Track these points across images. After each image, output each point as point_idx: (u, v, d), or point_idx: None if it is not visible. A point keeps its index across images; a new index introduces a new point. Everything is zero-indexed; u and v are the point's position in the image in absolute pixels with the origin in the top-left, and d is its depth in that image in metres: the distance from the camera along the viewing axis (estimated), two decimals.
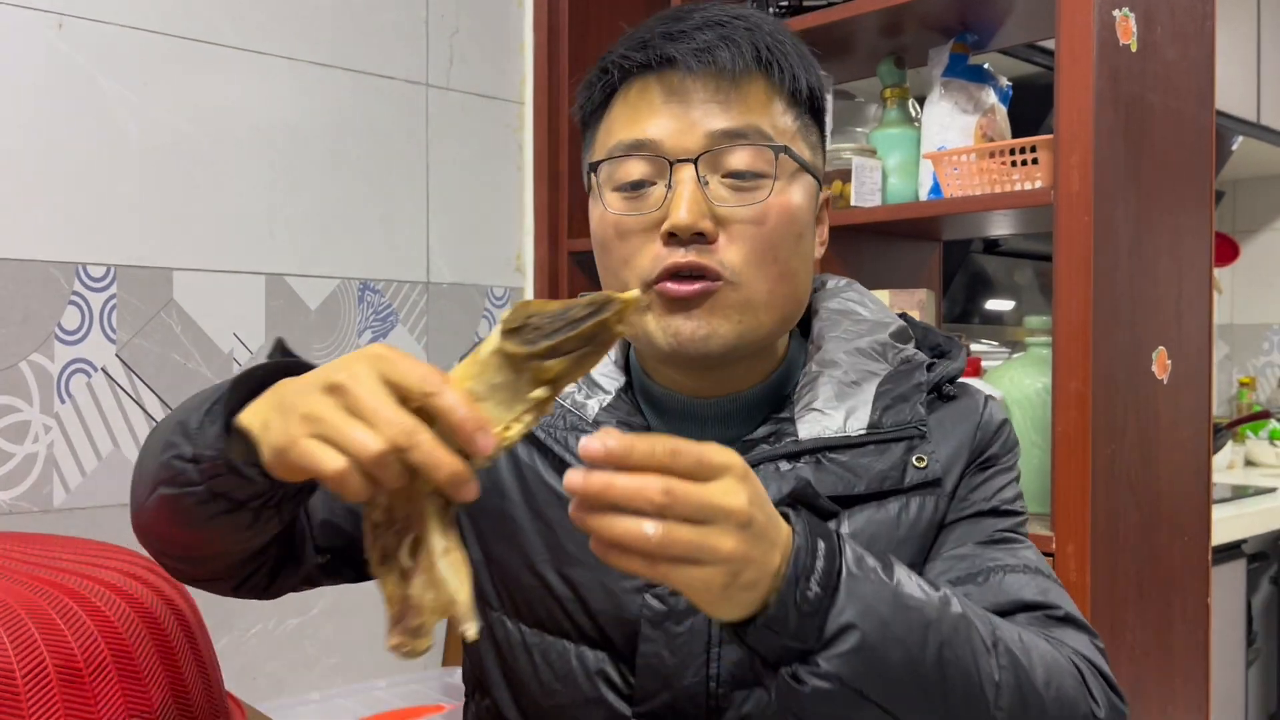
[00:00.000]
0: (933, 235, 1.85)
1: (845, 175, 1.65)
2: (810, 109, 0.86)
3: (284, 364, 0.73)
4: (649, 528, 0.58)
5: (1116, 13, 1.37)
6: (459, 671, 1.43)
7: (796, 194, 0.83)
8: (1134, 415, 1.40)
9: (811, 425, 0.84)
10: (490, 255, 2.09)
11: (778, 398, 0.89)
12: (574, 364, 0.62)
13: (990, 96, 1.67)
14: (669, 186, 0.80)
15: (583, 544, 0.79)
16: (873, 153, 1.69)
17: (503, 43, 2.11)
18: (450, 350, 2.02)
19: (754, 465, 0.80)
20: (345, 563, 0.92)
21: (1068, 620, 0.81)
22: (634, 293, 0.63)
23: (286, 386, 0.65)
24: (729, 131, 0.80)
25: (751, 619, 0.64)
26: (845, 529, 0.82)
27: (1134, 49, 1.40)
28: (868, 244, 1.74)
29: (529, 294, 2.15)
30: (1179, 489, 1.49)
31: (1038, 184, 1.46)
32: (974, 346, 1.88)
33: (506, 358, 0.61)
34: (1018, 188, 1.49)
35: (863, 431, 0.83)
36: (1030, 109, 2.06)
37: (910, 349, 0.90)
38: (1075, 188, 1.34)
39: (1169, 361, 1.46)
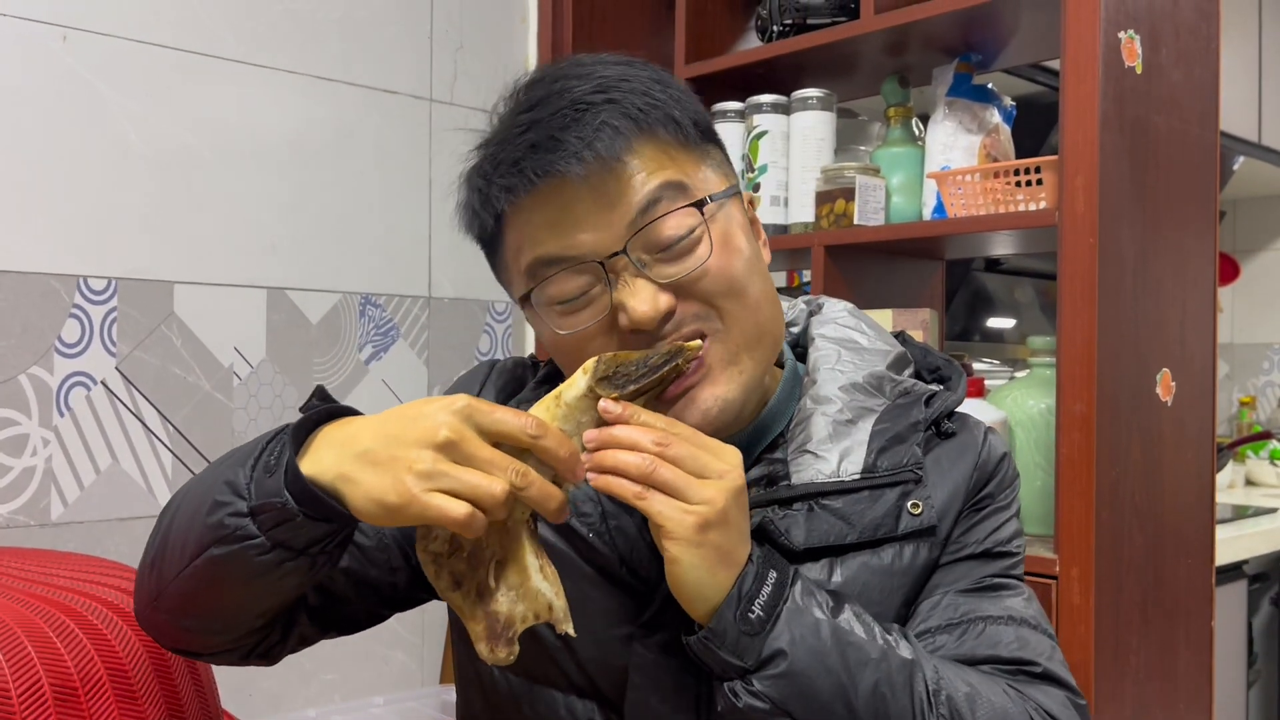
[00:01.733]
0: (936, 254, 1.85)
1: (849, 194, 1.65)
2: (700, 135, 0.82)
3: (329, 410, 0.74)
4: (644, 458, 0.69)
5: (1122, 35, 1.37)
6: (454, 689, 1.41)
7: (730, 224, 0.80)
8: (1138, 438, 1.40)
9: (805, 469, 0.81)
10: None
11: (769, 433, 0.87)
12: (648, 404, 0.74)
13: (994, 116, 1.67)
14: (608, 286, 0.77)
15: (575, 595, 0.80)
16: (876, 171, 1.69)
17: (507, 58, 2.11)
18: (451, 365, 2.02)
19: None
20: (335, 615, 0.92)
21: (1044, 677, 0.80)
22: (696, 342, 0.75)
23: (357, 438, 0.69)
24: (642, 206, 0.76)
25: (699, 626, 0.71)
26: (838, 578, 0.80)
27: (1139, 70, 1.40)
28: (870, 263, 1.74)
29: None
30: (1183, 511, 1.49)
31: (1042, 204, 1.45)
32: (976, 366, 1.87)
33: (594, 400, 0.72)
34: (1022, 208, 1.49)
35: (857, 476, 0.81)
36: (1032, 127, 2.06)
37: (908, 380, 0.88)
38: (1080, 209, 1.34)
39: (1173, 383, 1.46)
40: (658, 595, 0.80)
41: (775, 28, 1.79)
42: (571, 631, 0.72)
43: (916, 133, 1.76)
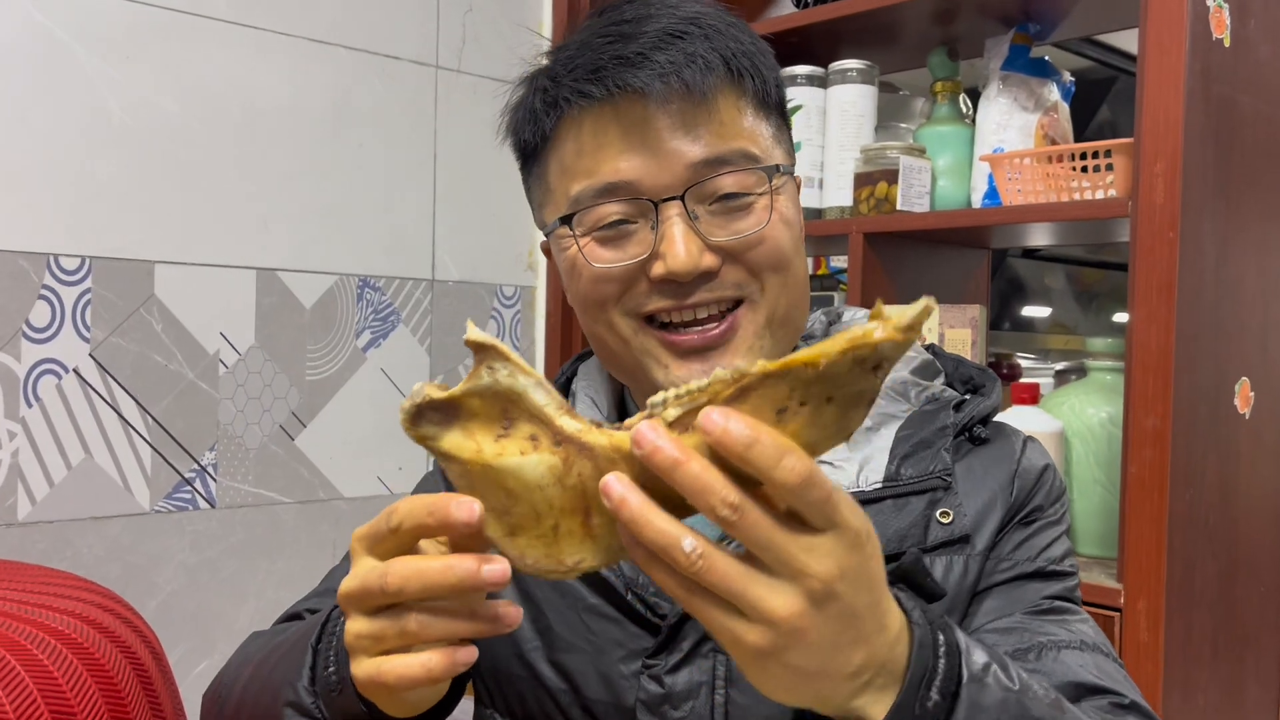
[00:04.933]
0: (982, 243, 1.71)
1: (891, 176, 1.51)
2: (779, 110, 0.78)
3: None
4: (687, 543, 0.48)
5: (1210, 3, 1.21)
6: None
7: (788, 202, 0.77)
8: (1214, 454, 1.26)
9: None
10: (500, 251, 1.95)
11: None
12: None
13: (1053, 93, 1.52)
14: (654, 228, 0.73)
15: (577, 628, 0.77)
16: (921, 152, 1.54)
17: (519, 22, 1.96)
18: (455, 353, 1.88)
19: None
20: None
21: (1132, 709, 0.70)
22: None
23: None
24: (711, 160, 0.72)
25: None
26: None
27: (1227, 44, 1.24)
28: (911, 251, 1.60)
29: (541, 293, 2.01)
30: (1256, 533, 1.35)
31: (1111, 193, 1.31)
32: (1020, 361, 1.73)
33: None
34: (1086, 196, 1.34)
35: (878, 485, 0.74)
36: (1077, 105, 1.91)
37: (937, 385, 0.80)
38: (1159, 199, 1.19)
39: (1252, 393, 1.32)
40: (664, 626, 0.74)
41: None
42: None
43: (964, 110, 1.61)
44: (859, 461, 0.75)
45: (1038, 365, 2.60)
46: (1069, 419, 1.39)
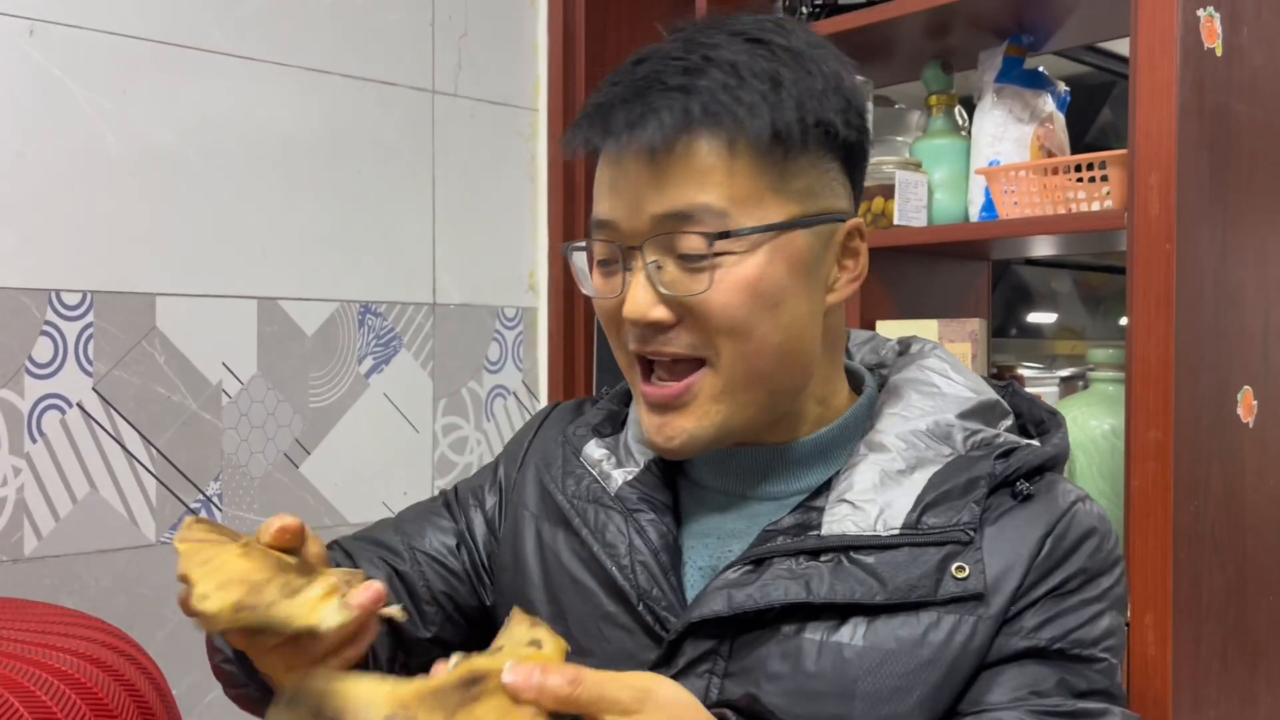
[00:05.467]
0: (982, 255, 1.70)
1: (887, 191, 1.51)
2: (809, 145, 0.74)
3: None
4: None
5: (1201, 12, 1.21)
6: None
7: (761, 262, 0.73)
8: (1218, 465, 1.25)
9: (839, 520, 0.74)
10: (501, 273, 1.95)
11: (831, 459, 0.80)
12: None
13: (1048, 104, 1.52)
14: (627, 270, 0.76)
15: (593, 635, 0.79)
16: (917, 166, 1.54)
17: (515, 45, 1.97)
18: (458, 376, 1.89)
19: (766, 559, 0.74)
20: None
21: None
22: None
23: None
24: (669, 215, 0.72)
25: None
26: (859, 640, 0.71)
27: (1219, 53, 1.24)
28: (910, 265, 1.59)
29: (543, 314, 2.01)
30: (1265, 544, 1.34)
31: (1107, 204, 1.30)
32: (1021, 371, 1.73)
33: None
34: (1083, 207, 1.34)
35: (895, 531, 0.72)
36: (1079, 112, 1.91)
37: (992, 431, 0.77)
38: (1155, 211, 1.19)
39: (1255, 402, 1.31)
40: (666, 640, 0.75)
41: (804, 9, 1.64)
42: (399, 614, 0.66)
43: (960, 122, 1.61)
44: (882, 505, 0.74)
45: (1043, 374, 2.59)
46: (1072, 431, 1.37)
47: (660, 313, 0.73)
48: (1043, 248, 1.63)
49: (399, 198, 1.81)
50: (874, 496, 0.74)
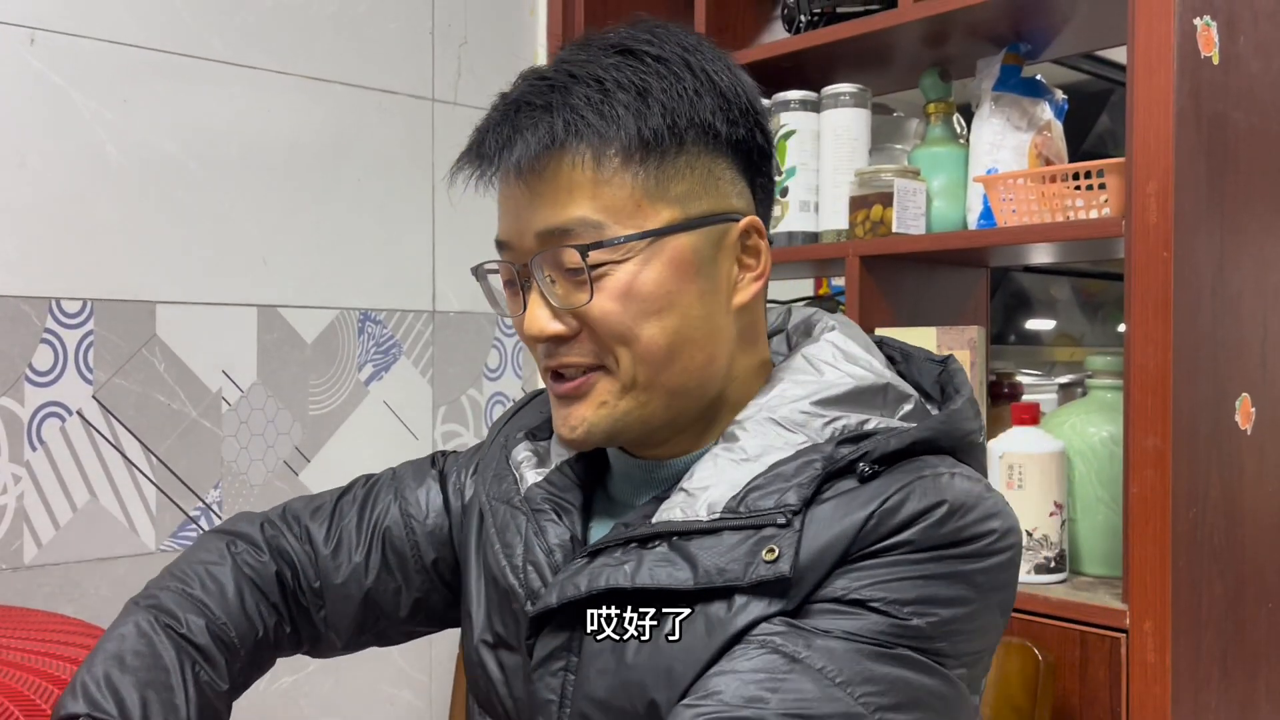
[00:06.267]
0: (980, 262, 1.70)
1: (885, 199, 1.51)
2: (682, 146, 0.73)
3: None
4: None
5: (1198, 21, 1.22)
6: None
7: (638, 269, 0.73)
8: (1217, 472, 1.25)
9: (670, 508, 0.74)
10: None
11: None
12: None
13: (1045, 112, 1.52)
14: (520, 290, 0.77)
15: (511, 627, 0.81)
16: (916, 174, 1.54)
17: (514, 54, 1.98)
18: (458, 383, 1.89)
19: (601, 550, 0.75)
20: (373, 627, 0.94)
21: None
22: None
23: None
24: (548, 231, 0.73)
25: None
26: (674, 632, 0.70)
27: (1215, 61, 1.25)
28: (909, 273, 1.60)
29: None
30: (1264, 550, 1.34)
31: (1105, 211, 1.31)
32: (1019, 378, 1.72)
33: None
34: (1080, 215, 1.34)
35: (716, 516, 0.71)
36: (1078, 119, 1.91)
37: (859, 418, 0.73)
38: (1153, 219, 1.19)
39: (1253, 409, 1.31)
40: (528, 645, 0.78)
41: (803, 18, 1.64)
42: None
43: (958, 130, 1.61)
44: (711, 491, 0.73)
45: (1041, 381, 2.59)
46: (1070, 438, 1.38)
47: (556, 326, 0.74)
48: (1041, 255, 1.63)
49: (399, 205, 1.82)
50: (708, 484, 0.73)
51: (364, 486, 0.96)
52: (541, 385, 0.84)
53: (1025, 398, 1.61)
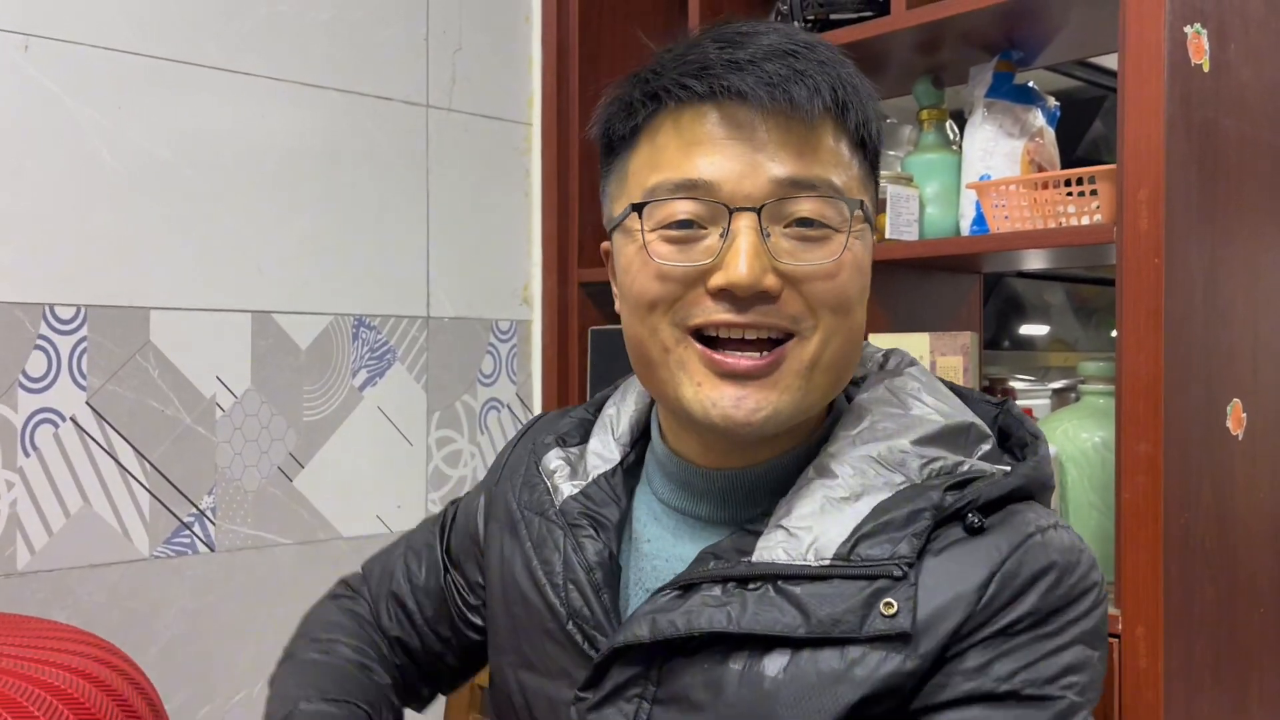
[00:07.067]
0: (973, 268, 1.71)
1: (879, 205, 1.51)
2: (872, 154, 0.77)
3: None
4: None
5: (1188, 29, 1.22)
6: None
7: (863, 247, 0.75)
8: (1209, 478, 1.26)
9: (771, 547, 0.71)
10: (495, 287, 1.96)
11: (790, 481, 0.76)
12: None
13: (1038, 119, 1.53)
14: (723, 236, 0.70)
15: (538, 649, 0.79)
16: (909, 180, 1.55)
17: (509, 60, 1.98)
18: (452, 389, 1.89)
19: (695, 585, 0.71)
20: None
21: None
22: None
23: None
24: (799, 181, 0.70)
25: None
26: (778, 673, 0.68)
27: (1206, 69, 1.25)
28: (902, 279, 1.60)
29: (537, 327, 2.02)
30: (1256, 555, 1.34)
31: (1097, 218, 1.31)
32: (1014, 384, 1.73)
33: None
34: (1073, 222, 1.35)
35: (826, 562, 0.69)
36: (1071, 125, 1.92)
37: (955, 459, 0.73)
38: (1144, 226, 1.20)
39: (1244, 415, 1.32)
40: (593, 663, 0.74)
41: (797, 23, 1.65)
42: None
43: (951, 136, 1.62)
44: (816, 533, 0.70)
45: (1035, 387, 2.60)
46: (1063, 444, 1.38)
47: (772, 280, 0.69)
48: (1033, 261, 1.64)
49: (393, 211, 1.82)
50: (810, 524, 0.70)
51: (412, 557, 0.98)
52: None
53: (1018, 403, 1.62)
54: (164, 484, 1.57)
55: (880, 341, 1.52)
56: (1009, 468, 0.75)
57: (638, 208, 0.73)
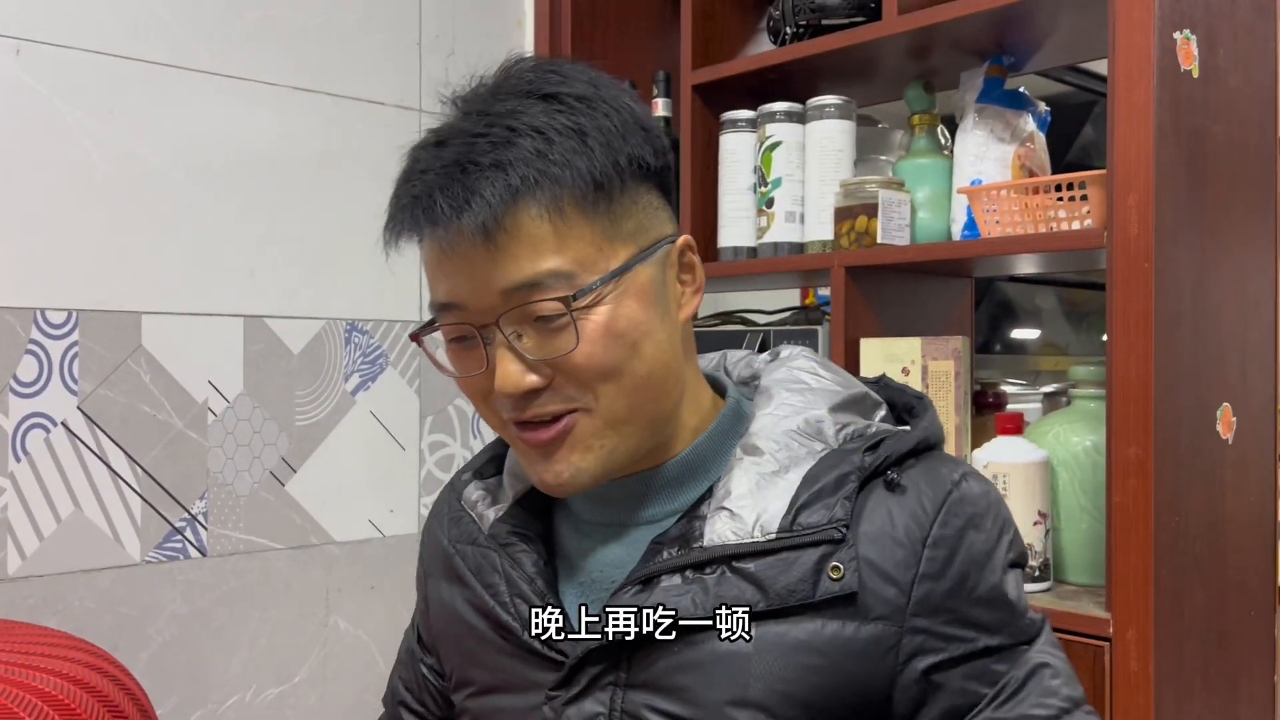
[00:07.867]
0: (964, 273, 1.72)
1: (870, 210, 1.52)
2: (627, 182, 0.75)
3: None
4: None
5: (1177, 35, 1.23)
6: None
7: (614, 307, 0.74)
8: (1199, 481, 1.26)
9: (720, 529, 0.75)
10: None
11: (703, 474, 0.81)
12: None
13: (1029, 124, 1.54)
14: (485, 346, 0.75)
15: (499, 670, 0.82)
16: (900, 185, 1.55)
17: (500, 65, 1.98)
18: (444, 393, 1.89)
19: (656, 576, 0.75)
20: None
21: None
22: None
23: None
24: (522, 285, 0.72)
25: None
26: (747, 646, 0.73)
27: (1195, 74, 1.26)
28: (894, 283, 1.61)
29: None
30: (1245, 559, 1.35)
31: (1087, 223, 1.32)
32: (1005, 388, 1.74)
33: None
34: (1063, 226, 1.35)
35: (772, 536, 0.74)
36: (1061, 130, 1.93)
37: (864, 422, 0.80)
38: (1133, 231, 1.20)
39: (1234, 418, 1.32)
40: (567, 665, 0.77)
41: (789, 30, 1.65)
42: None
43: (943, 141, 1.62)
44: (758, 510, 0.74)
45: (1026, 391, 2.60)
46: (1054, 448, 1.39)
47: (532, 379, 0.74)
48: (1025, 266, 1.64)
49: (385, 216, 1.81)
50: (750, 502, 0.75)
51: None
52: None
53: (1010, 407, 1.62)
54: (156, 489, 1.56)
55: (871, 347, 1.53)
56: (908, 427, 0.81)
57: (433, 323, 0.79)
